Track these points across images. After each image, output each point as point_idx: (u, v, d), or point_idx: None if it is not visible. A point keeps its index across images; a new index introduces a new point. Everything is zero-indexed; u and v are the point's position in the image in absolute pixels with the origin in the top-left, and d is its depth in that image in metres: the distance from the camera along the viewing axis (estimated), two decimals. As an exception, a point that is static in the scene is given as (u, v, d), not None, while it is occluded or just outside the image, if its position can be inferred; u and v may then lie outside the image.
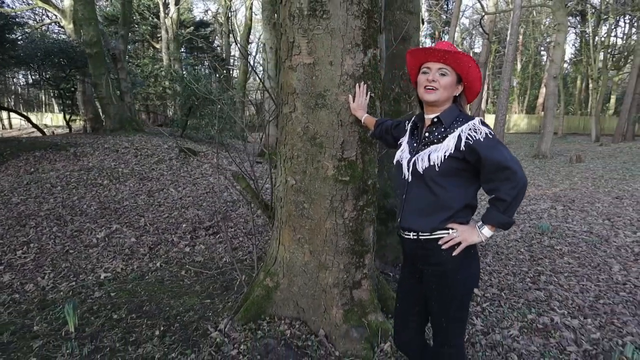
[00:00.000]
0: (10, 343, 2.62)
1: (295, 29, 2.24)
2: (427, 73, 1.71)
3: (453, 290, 1.68)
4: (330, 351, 2.46)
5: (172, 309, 2.98)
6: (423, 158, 1.67)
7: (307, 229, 2.48)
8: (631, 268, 4.05)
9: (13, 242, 4.49)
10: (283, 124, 2.44)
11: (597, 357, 2.51)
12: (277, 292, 2.70)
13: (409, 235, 1.72)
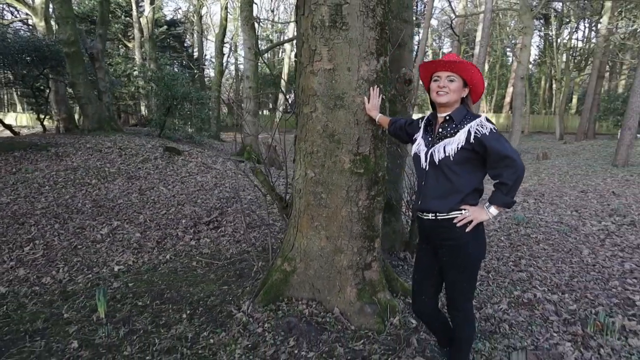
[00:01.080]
0: (46, 329, 2.79)
1: (317, 38, 2.52)
2: (438, 80, 2.03)
3: (465, 261, 2.00)
4: (346, 326, 2.75)
5: (192, 295, 3.20)
6: (439, 150, 1.99)
7: (324, 217, 2.77)
8: (599, 252, 4.52)
9: (17, 240, 4.57)
10: (303, 123, 2.71)
11: (576, 323, 2.90)
12: (294, 275, 2.97)
13: (428, 216, 2.04)
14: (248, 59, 14.40)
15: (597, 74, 20.17)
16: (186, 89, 14.03)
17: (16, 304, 3.18)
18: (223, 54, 21.09)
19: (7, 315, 3.02)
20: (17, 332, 2.76)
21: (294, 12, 28.91)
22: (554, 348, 2.59)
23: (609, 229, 5.50)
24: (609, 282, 3.63)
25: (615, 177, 10.44)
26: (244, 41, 14.37)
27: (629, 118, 12.15)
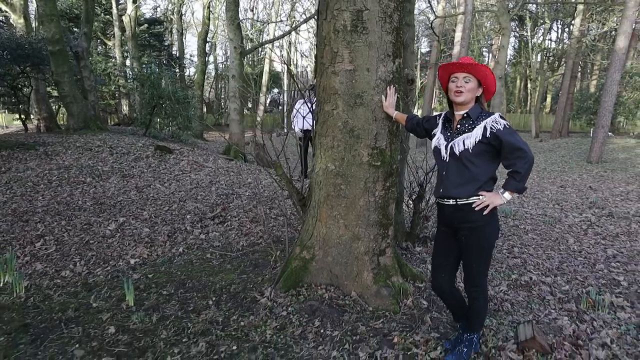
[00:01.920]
0: (79, 317, 2.92)
1: (339, 42, 2.73)
2: (455, 81, 2.28)
3: (482, 241, 2.25)
4: (364, 307, 2.98)
5: (214, 284, 3.37)
6: (458, 143, 2.23)
7: (343, 207, 2.98)
8: (583, 240, 4.88)
9: (25, 236, 4.62)
10: (324, 119, 2.92)
11: (570, 301, 3.20)
12: (312, 262, 3.18)
13: (449, 201, 2.28)
14: (234, 58, 14.46)
15: (570, 74, 20.97)
16: (172, 87, 14.01)
17: (41, 295, 3.29)
18: (206, 53, 21.04)
19: (36, 306, 3.13)
20: (51, 321, 2.88)
21: (274, 12, 28.94)
22: (553, 322, 2.87)
23: (590, 220, 5.89)
24: (595, 266, 3.96)
25: (590, 173, 10.99)
26: (229, 40, 14.44)
27: (601, 117, 12.75)
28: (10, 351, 2.52)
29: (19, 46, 12.36)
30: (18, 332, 2.74)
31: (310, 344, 2.57)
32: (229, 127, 32.84)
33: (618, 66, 12.47)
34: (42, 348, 2.55)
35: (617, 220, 5.85)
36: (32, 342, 2.62)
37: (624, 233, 5.20)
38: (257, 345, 2.54)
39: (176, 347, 2.52)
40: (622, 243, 4.77)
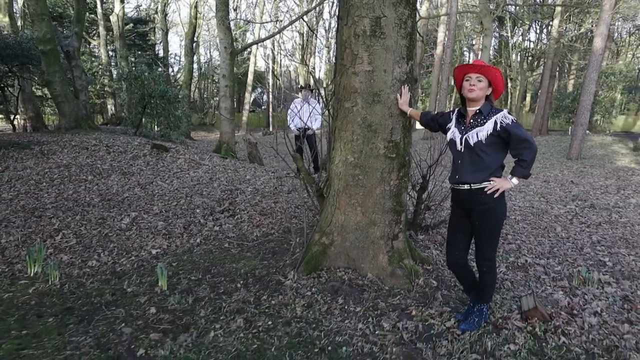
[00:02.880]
0: (117, 301, 3.14)
1: (359, 45, 3.01)
2: (469, 80, 2.58)
3: (493, 221, 2.57)
4: (380, 287, 3.27)
5: (238, 270, 3.62)
6: (472, 135, 2.54)
7: (360, 195, 3.27)
8: (569, 228, 5.27)
9: (43, 231, 4.78)
10: (344, 115, 3.20)
11: (563, 279, 3.55)
12: (331, 247, 3.46)
13: (464, 186, 2.59)
14: (224, 58, 14.61)
15: (549, 74, 21.71)
16: (163, 87, 14.08)
17: (75, 283, 3.49)
18: (193, 52, 21.08)
19: (72, 292, 3.33)
20: (92, 304, 3.10)
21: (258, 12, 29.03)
22: (550, 296, 3.21)
23: (574, 211, 6.31)
24: (582, 250, 4.34)
25: (570, 169, 11.53)
26: (219, 40, 14.56)
27: (580, 115, 13.34)
28: (62, 329, 2.73)
29: (7, 45, 12.29)
30: (64, 315, 2.94)
31: (337, 319, 2.85)
32: (214, 126, 32.72)
33: (596, 66, 13.06)
34: (91, 327, 2.76)
35: (599, 211, 6.28)
36: (80, 322, 2.84)
37: (605, 222, 5.62)
38: (289, 320, 2.81)
39: (216, 323, 2.76)
40: (605, 230, 5.18)
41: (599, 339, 2.65)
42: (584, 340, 2.64)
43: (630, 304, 3.10)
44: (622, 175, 9.93)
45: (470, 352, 2.49)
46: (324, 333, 2.67)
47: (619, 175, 9.90)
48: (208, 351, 2.46)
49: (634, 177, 9.49)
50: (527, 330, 2.71)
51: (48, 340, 2.61)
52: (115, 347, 2.52)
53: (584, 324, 2.80)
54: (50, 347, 2.54)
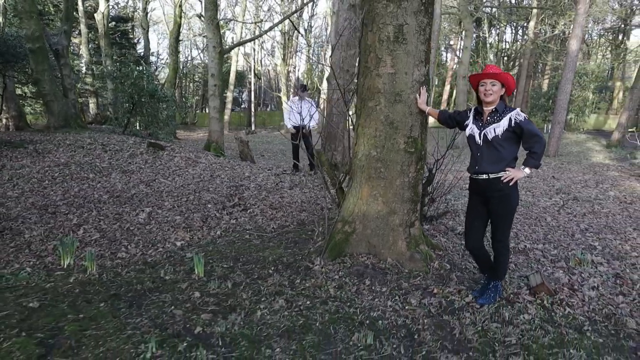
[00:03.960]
0: (159, 287, 3.36)
1: (383, 49, 3.32)
2: (484, 85, 2.92)
3: (508, 207, 2.91)
4: (401, 270, 3.58)
5: (265, 258, 3.88)
6: (490, 131, 2.87)
7: (382, 187, 3.58)
8: (558, 218, 5.71)
9: (62, 226, 4.92)
10: (368, 113, 3.50)
11: (560, 261, 3.95)
12: (353, 235, 3.75)
13: (483, 176, 2.92)
14: (213, 57, 14.71)
15: (525, 74, 22.53)
16: (153, 86, 14.09)
17: (112, 272, 3.68)
18: (178, 51, 21.03)
19: (111, 281, 3.52)
20: (135, 291, 3.31)
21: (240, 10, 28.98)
22: (551, 275, 3.59)
23: (559, 203, 6.78)
24: (574, 236, 4.77)
25: (549, 165, 12.13)
26: (208, 40, 14.66)
27: (557, 114, 14.00)
28: (115, 313, 2.95)
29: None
30: (112, 300, 3.15)
31: (367, 297, 3.15)
32: (195, 125, 32.54)
33: (571, 67, 13.73)
34: (142, 311, 2.98)
35: (582, 203, 6.77)
36: (130, 307, 3.05)
37: (589, 213, 6.09)
38: (325, 300, 3.10)
39: (260, 304, 3.03)
40: (591, 220, 5.64)
41: (598, 309, 3.03)
42: (586, 310, 3.02)
43: (622, 279, 3.51)
44: (599, 170, 10.55)
45: (491, 322, 2.83)
46: (359, 310, 2.97)
47: (595, 171, 10.52)
48: (259, 327, 2.72)
49: (610, 172, 10.11)
50: (536, 303, 3.07)
51: (106, 322, 2.82)
52: (171, 327, 2.75)
53: (584, 297, 3.19)
54: (111, 327, 2.75)
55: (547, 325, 2.80)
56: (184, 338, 2.59)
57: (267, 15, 34.27)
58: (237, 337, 2.60)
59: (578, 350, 2.52)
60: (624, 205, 6.53)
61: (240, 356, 2.41)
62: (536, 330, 2.73)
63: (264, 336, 2.63)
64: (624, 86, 26.79)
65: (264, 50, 35.72)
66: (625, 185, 8.24)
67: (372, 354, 2.47)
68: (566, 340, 2.62)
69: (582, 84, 20.43)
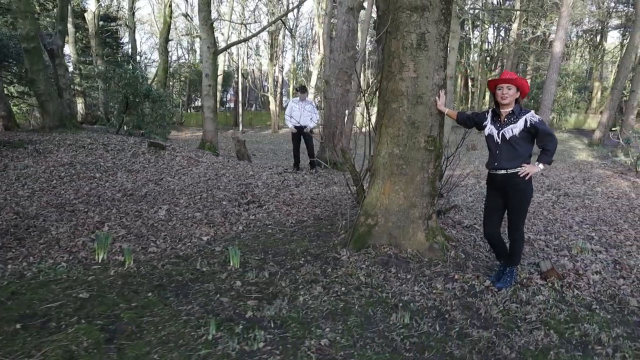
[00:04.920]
0: (199, 278, 3.58)
1: (406, 55, 3.60)
2: (501, 89, 3.23)
3: (524, 199, 3.23)
4: (421, 259, 3.88)
5: (293, 250, 4.13)
6: (508, 131, 3.19)
7: (403, 182, 3.86)
8: (554, 212, 6.10)
9: (85, 223, 5.07)
10: (391, 114, 3.78)
11: (563, 250, 4.30)
12: (375, 227, 4.03)
13: (501, 171, 3.24)
14: (207, 57, 14.82)
15: (509, 75, 23.12)
16: (147, 86, 14.15)
17: (149, 266, 3.88)
18: (167, 51, 21.01)
19: (150, 273, 3.73)
20: (177, 282, 3.52)
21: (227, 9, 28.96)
22: (557, 262, 3.93)
23: (552, 199, 7.18)
24: (572, 228, 5.15)
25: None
26: (202, 40, 14.77)
27: (542, 113, 14.54)
28: (165, 301, 3.16)
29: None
30: (158, 290, 3.36)
31: (396, 283, 3.43)
32: (183, 125, 32.35)
33: (555, 68, 14.29)
34: (190, 299, 3.21)
35: (573, 198, 7.19)
36: (176, 296, 3.27)
37: (581, 207, 6.50)
38: (358, 286, 3.37)
39: (299, 291, 3.28)
40: (584, 213, 6.04)
41: (603, 290, 3.38)
42: (592, 292, 3.36)
43: (620, 265, 3.88)
44: (584, 168, 11.07)
45: (510, 302, 3.15)
46: (391, 294, 3.25)
47: (580, 168, 11.03)
48: (305, 311, 2.98)
49: (594, 170, 10.63)
50: (548, 286, 3.41)
51: (159, 310, 3.04)
52: (222, 312, 2.99)
53: (589, 280, 3.53)
54: (165, 314, 2.97)
55: (560, 304, 3.13)
56: (238, 322, 2.83)
57: (254, 16, 34.34)
58: (287, 320, 2.85)
59: (591, 324, 2.85)
60: (612, 200, 6.98)
61: (294, 336, 2.66)
62: (552, 309, 3.05)
63: (310, 318, 2.88)
64: (602, 86, 27.80)
65: (250, 49, 35.75)
66: (611, 182, 8.73)
67: (411, 332, 2.75)
68: (579, 317, 2.95)
69: (563, 84, 21.15)
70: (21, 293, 3.39)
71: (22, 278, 3.71)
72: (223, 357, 2.43)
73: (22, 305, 3.16)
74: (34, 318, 2.96)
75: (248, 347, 2.52)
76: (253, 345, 2.53)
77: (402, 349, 2.56)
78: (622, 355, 2.50)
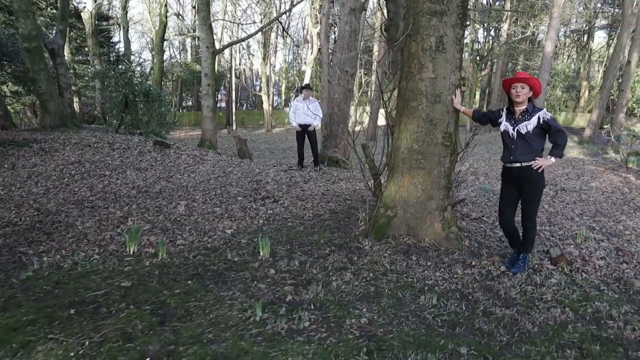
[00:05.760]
0: (232, 267, 3.79)
1: (426, 57, 3.86)
2: (515, 88, 3.50)
3: (537, 190, 3.52)
4: (438, 247, 4.14)
5: (317, 241, 4.36)
6: (523, 127, 3.46)
7: (421, 176, 4.12)
8: (555, 205, 6.41)
9: (109, 218, 5.24)
10: (410, 112, 4.03)
11: (567, 239, 4.59)
12: (394, 219, 4.28)
13: (516, 165, 3.51)
14: (206, 57, 14.97)
15: (500, 73, 23.64)
16: (147, 86, 14.23)
17: (181, 257, 4.08)
18: (163, 50, 21.05)
19: (184, 263, 3.93)
20: (212, 271, 3.73)
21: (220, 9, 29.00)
22: (564, 250, 4.22)
23: (550, 194, 7.50)
24: (573, 220, 5.46)
25: (530, 159, 12.96)
26: (201, 40, 14.93)
27: (535, 111, 14.92)
28: (207, 288, 3.37)
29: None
30: (197, 279, 3.57)
31: (418, 270, 3.69)
32: (175, 124, 32.31)
33: (547, 67, 14.71)
34: (229, 286, 3.42)
35: (570, 193, 7.53)
36: (215, 283, 3.48)
37: (579, 201, 6.84)
38: (385, 272, 3.61)
39: (331, 277, 3.51)
40: (582, 207, 6.37)
41: (609, 274, 3.68)
42: (599, 275, 3.65)
43: (622, 251, 4.18)
44: (576, 164, 11.46)
45: (526, 285, 3.42)
46: (416, 279, 3.50)
47: (573, 165, 11.41)
48: (339, 294, 3.22)
49: (587, 166, 11.03)
50: (558, 270, 3.69)
51: (202, 296, 3.24)
52: (263, 297, 3.20)
53: (595, 265, 3.83)
54: (210, 299, 3.18)
55: (571, 286, 3.41)
56: (280, 305, 3.05)
57: (246, 15, 34.43)
58: (325, 302, 3.08)
59: (601, 302, 3.13)
60: (607, 195, 7.33)
61: (335, 316, 2.90)
62: (564, 290, 3.33)
63: (346, 301, 3.12)
64: (589, 85, 28.44)
65: (243, 49, 35.84)
66: (604, 177, 9.10)
67: (440, 311, 3.01)
68: (590, 296, 3.24)
69: (553, 83, 21.66)
70: (65, 283, 3.58)
71: (60, 269, 3.89)
72: (274, 335, 2.66)
73: (69, 294, 3.35)
74: (84, 305, 3.15)
75: (295, 326, 2.75)
76: (299, 325, 2.76)
77: (435, 326, 2.81)
78: (632, 327, 2.79)
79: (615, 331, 2.76)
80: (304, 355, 2.40)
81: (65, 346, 2.60)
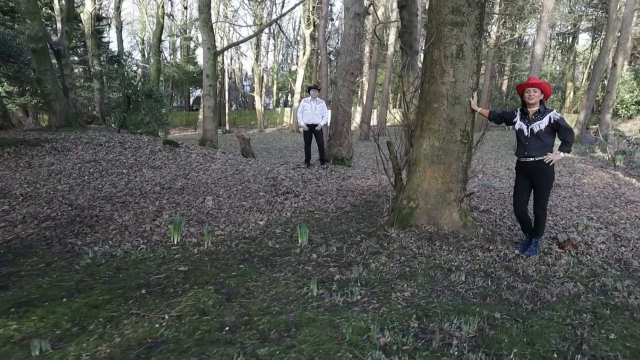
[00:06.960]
0: (276, 253, 4.19)
1: (447, 63, 4.31)
2: (528, 92, 3.97)
3: (548, 181, 3.99)
4: (457, 235, 4.59)
5: (346, 230, 4.77)
6: (536, 126, 3.93)
7: (442, 170, 4.57)
8: (552, 199, 6.92)
9: (143, 212, 5.58)
10: (432, 113, 4.47)
11: (570, 228, 5.09)
12: (417, 209, 4.72)
13: (530, 159, 3.98)
14: (207, 58, 15.27)
15: (490, 74, 24.33)
16: (149, 86, 14.48)
17: (224, 245, 4.46)
18: (160, 51, 21.23)
19: (229, 251, 4.31)
20: (260, 257, 4.12)
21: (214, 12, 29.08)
22: (568, 236, 4.71)
23: (545, 187, 8.03)
24: (572, 211, 5.97)
25: (522, 157, 13.55)
26: (202, 42, 15.21)
27: (525, 111, 15.54)
28: (259, 271, 3.76)
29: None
30: (247, 263, 3.95)
31: (443, 253, 4.13)
32: (168, 124, 32.31)
33: (537, 69, 15.33)
34: (279, 268, 3.81)
35: (565, 188, 8.07)
36: (266, 266, 3.87)
37: (574, 195, 7.37)
38: (414, 255, 4.05)
39: (369, 260, 3.93)
40: (578, 200, 6.90)
41: (610, 255, 4.17)
42: (602, 257, 4.14)
43: (619, 237, 4.69)
44: (566, 163, 12.06)
45: (540, 265, 3.89)
46: (443, 261, 3.94)
47: (564, 164, 12.01)
48: (380, 274, 3.64)
49: (576, 164, 11.64)
50: (566, 253, 4.17)
51: (257, 277, 3.63)
52: (313, 277, 3.60)
53: (597, 249, 4.32)
54: (265, 279, 3.57)
55: (579, 265, 3.89)
56: (331, 283, 3.46)
57: (238, 15, 34.60)
58: (369, 280, 3.50)
59: (606, 278, 3.61)
60: (599, 190, 7.89)
61: (381, 290, 3.32)
62: (574, 268, 3.81)
63: (387, 279, 3.54)
64: (574, 87, 29.39)
65: (236, 50, 36.03)
66: (594, 175, 9.70)
67: (470, 286, 3.45)
68: (596, 273, 3.72)
69: (540, 84, 22.37)
70: (124, 268, 3.94)
71: (114, 257, 4.24)
72: (332, 306, 3.06)
73: (133, 277, 3.72)
74: (151, 286, 3.52)
75: (349, 299, 3.16)
76: (352, 298, 3.17)
77: (468, 297, 3.25)
78: (635, 297, 3.26)
79: (621, 300, 3.23)
80: (364, 321, 2.81)
81: (149, 319, 2.97)
